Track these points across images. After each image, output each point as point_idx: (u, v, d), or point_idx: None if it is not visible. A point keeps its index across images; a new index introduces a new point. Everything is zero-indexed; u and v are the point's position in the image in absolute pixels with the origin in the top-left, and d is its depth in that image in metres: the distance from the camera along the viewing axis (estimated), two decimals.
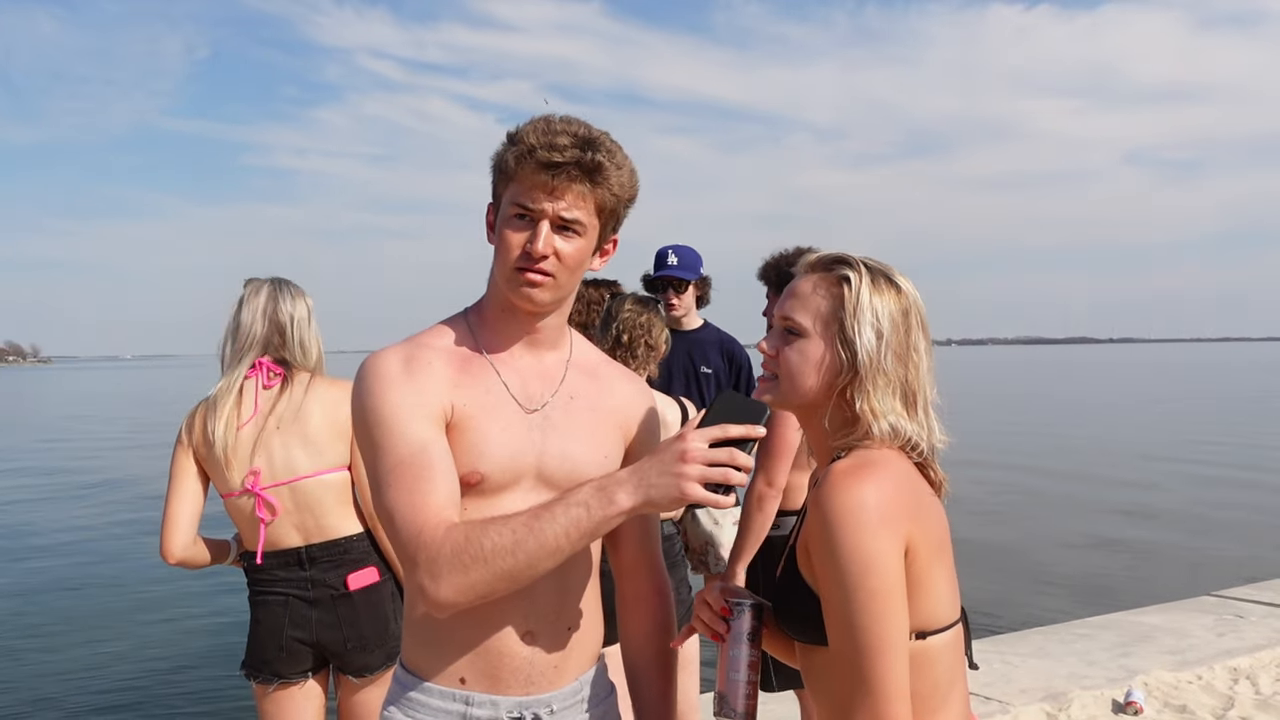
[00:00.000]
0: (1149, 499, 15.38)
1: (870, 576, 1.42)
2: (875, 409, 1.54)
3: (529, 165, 1.58)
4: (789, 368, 1.59)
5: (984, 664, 5.59)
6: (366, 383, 1.61)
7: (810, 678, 1.62)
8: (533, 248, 1.59)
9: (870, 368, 1.55)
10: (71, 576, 10.66)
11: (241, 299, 3.02)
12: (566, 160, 1.57)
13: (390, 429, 1.56)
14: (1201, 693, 5.21)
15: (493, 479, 1.62)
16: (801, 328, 1.59)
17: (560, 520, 1.45)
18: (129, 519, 14.06)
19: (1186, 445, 22.49)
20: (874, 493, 1.46)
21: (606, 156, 1.60)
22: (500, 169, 1.63)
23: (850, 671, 1.44)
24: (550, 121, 1.61)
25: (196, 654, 7.74)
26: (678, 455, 1.44)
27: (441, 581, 1.46)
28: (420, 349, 1.65)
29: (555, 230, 1.60)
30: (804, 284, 1.62)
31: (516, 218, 1.60)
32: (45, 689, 7.02)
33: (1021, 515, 13.91)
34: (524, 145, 1.58)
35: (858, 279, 1.57)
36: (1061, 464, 19.61)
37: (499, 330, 1.70)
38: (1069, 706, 4.97)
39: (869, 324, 1.55)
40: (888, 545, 1.44)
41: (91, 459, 22.79)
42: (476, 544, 1.45)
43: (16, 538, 13.10)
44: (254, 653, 2.98)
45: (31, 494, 17.35)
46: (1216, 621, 6.56)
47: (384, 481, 1.55)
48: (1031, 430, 25.91)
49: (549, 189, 1.58)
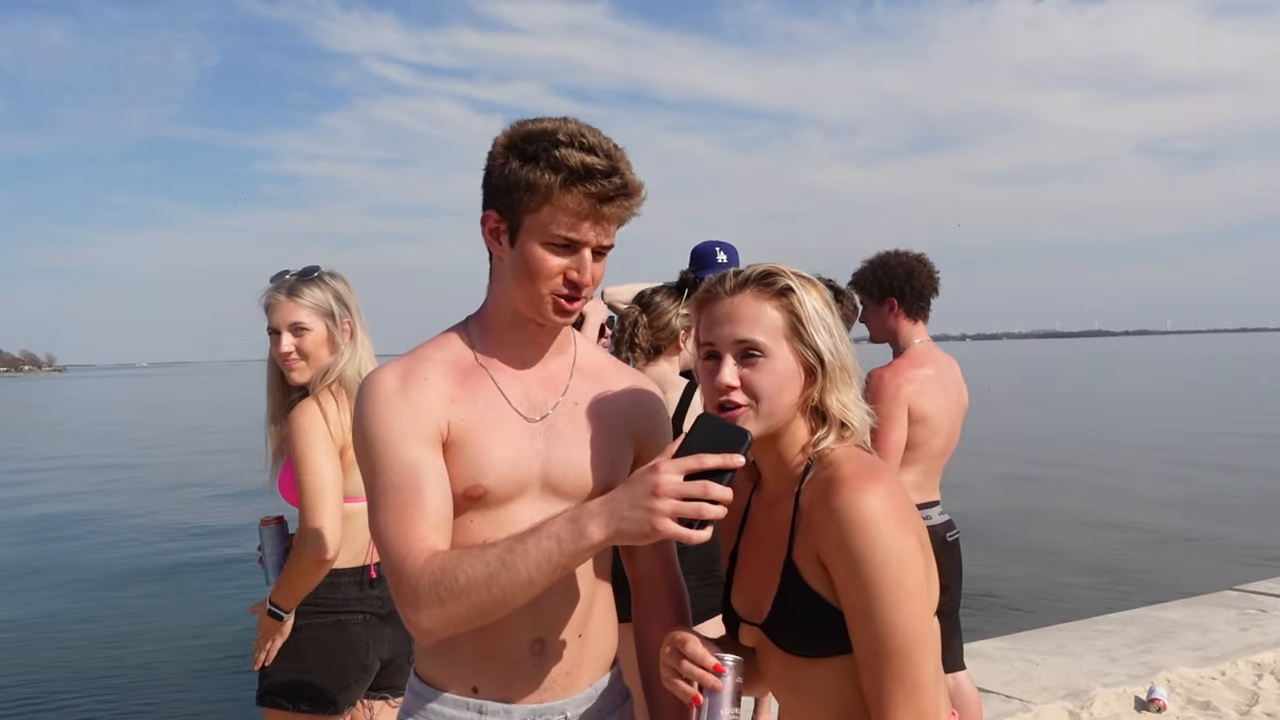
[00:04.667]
0: (1169, 493, 15.30)
1: (908, 574, 1.44)
2: (846, 402, 1.58)
3: (576, 194, 1.53)
4: (764, 390, 1.55)
5: (1005, 662, 5.56)
6: (363, 404, 1.59)
7: (802, 692, 1.60)
8: (581, 279, 1.58)
9: (835, 366, 1.57)
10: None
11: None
12: (615, 191, 1.54)
13: (383, 451, 1.55)
14: (1225, 689, 5.16)
15: (496, 491, 1.60)
16: (763, 347, 1.55)
17: (533, 554, 1.42)
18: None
19: (1206, 438, 22.35)
20: (890, 493, 1.47)
21: (631, 171, 1.57)
22: (532, 187, 1.55)
23: (884, 670, 1.44)
24: (577, 136, 1.55)
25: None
26: (650, 489, 1.38)
27: (421, 612, 1.46)
28: (419, 364, 1.63)
29: (594, 254, 1.59)
30: (742, 305, 1.57)
31: (558, 244, 1.57)
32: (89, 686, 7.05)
33: (1040, 511, 13.83)
34: (569, 169, 1.53)
35: (797, 287, 1.57)
36: (1079, 459, 19.50)
37: (503, 340, 1.68)
38: (1091, 704, 4.93)
39: (821, 326, 1.57)
40: (915, 542, 1.47)
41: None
42: (452, 576, 1.44)
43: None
44: (329, 681, 2.82)
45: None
46: (1239, 616, 6.51)
47: (376, 504, 1.55)
48: (1048, 424, 25.77)
49: (597, 218, 1.56)
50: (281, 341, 2.85)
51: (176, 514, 15.54)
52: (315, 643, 2.84)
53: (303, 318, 2.85)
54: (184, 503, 16.74)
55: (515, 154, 1.57)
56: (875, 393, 3.62)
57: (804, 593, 1.53)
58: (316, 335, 2.86)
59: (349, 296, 2.94)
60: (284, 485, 2.94)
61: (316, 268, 2.96)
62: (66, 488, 19.53)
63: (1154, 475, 17.13)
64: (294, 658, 2.85)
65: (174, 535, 13.70)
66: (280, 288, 2.91)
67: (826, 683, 1.54)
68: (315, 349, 2.86)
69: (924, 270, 3.80)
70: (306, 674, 2.84)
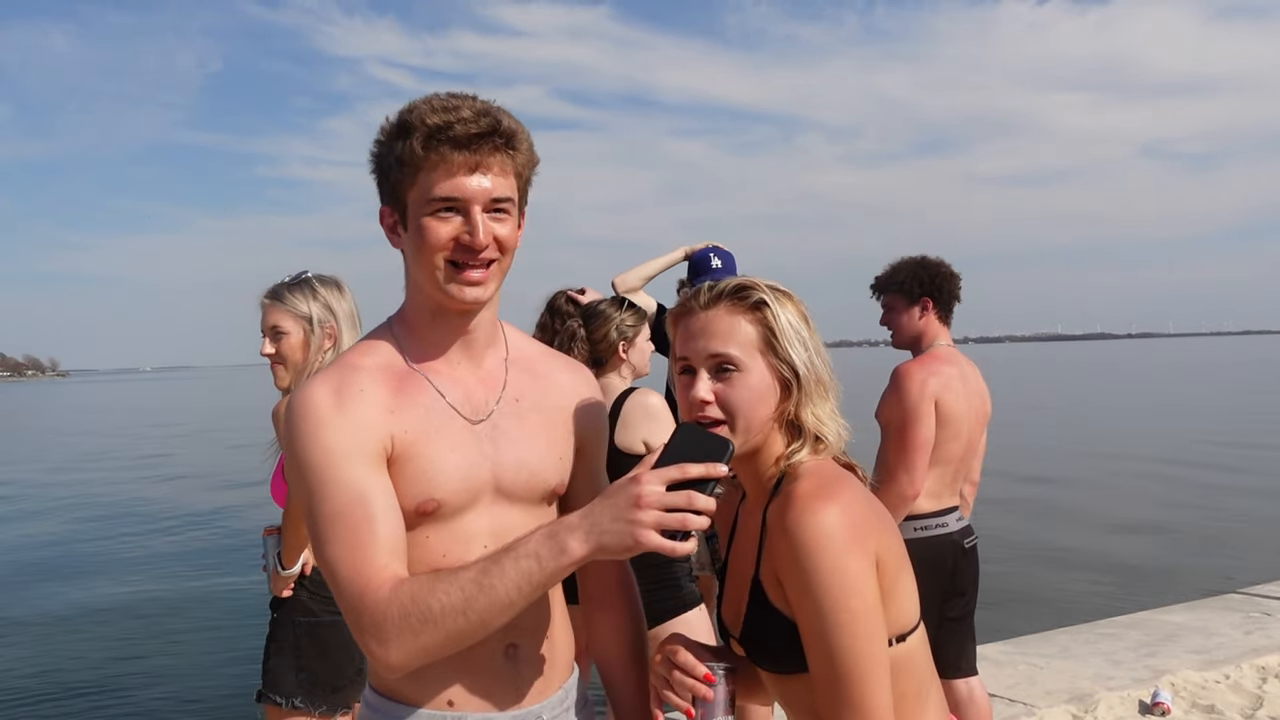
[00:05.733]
0: (1172, 495, 15.25)
1: (852, 597, 1.42)
2: (821, 416, 1.56)
3: (443, 146, 1.45)
4: (739, 405, 1.53)
5: (1009, 666, 5.55)
6: (297, 423, 1.48)
7: (791, 706, 1.61)
8: (474, 240, 1.48)
9: (810, 380, 1.56)
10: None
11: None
12: (484, 130, 1.46)
13: (325, 476, 1.44)
14: (1230, 692, 5.15)
15: (450, 503, 1.52)
16: (738, 361, 1.54)
17: (511, 575, 1.36)
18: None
19: (1209, 441, 22.29)
20: (843, 512, 1.45)
21: (508, 118, 1.50)
22: (401, 161, 1.48)
23: (834, 693, 1.43)
24: (437, 98, 1.48)
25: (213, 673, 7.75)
26: (632, 500, 1.34)
27: (390, 646, 1.39)
28: (349, 374, 1.52)
29: (487, 214, 1.49)
30: (716, 319, 1.55)
31: (441, 210, 1.48)
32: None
33: (1043, 514, 13.80)
34: (428, 126, 1.45)
35: (771, 300, 1.56)
36: (1081, 462, 19.47)
37: (429, 338, 1.58)
38: (1095, 708, 4.92)
39: (796, 339, 1.56)
40: (863, 564, 1.44)
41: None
42: (424, 605, 1.37)
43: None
44: (327, 680, 2.87)
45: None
46: (1243, 619, 6.49)
47: (323, 533, 1.44)
48: (1050, 427, 25.73)
49: (473, 166, 1.46)
50: (264, 344, 2.95)
51: (177, 508, 15.55)
52: (314, 643, 2.88)
53: (282, 322, 2.93)
54: (183, 497, 16.75)
55: (386, 136, 1.51)
56: (902, 388, 3.60)
57: (768, 610, 1.53)
58: (293, 340, 2.93)
59: (338, 302, 2.97)
60: (275, 485, 2.99)
61: (305, 273, 3.02)
62: (72, 487, 19.55)
63: (1157, 478, 17.07)
64: (293, 657, 2.88)
65: (175, 531, 13.70)
66: (271, 292, 2.98)
67: (805, 697, 1.52)
68: (291, 353, 2.94)
69: (955, 276, 3.82)
70: (305, 673, 2.88)
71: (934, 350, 3.75)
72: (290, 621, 2.96)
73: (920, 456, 3.53)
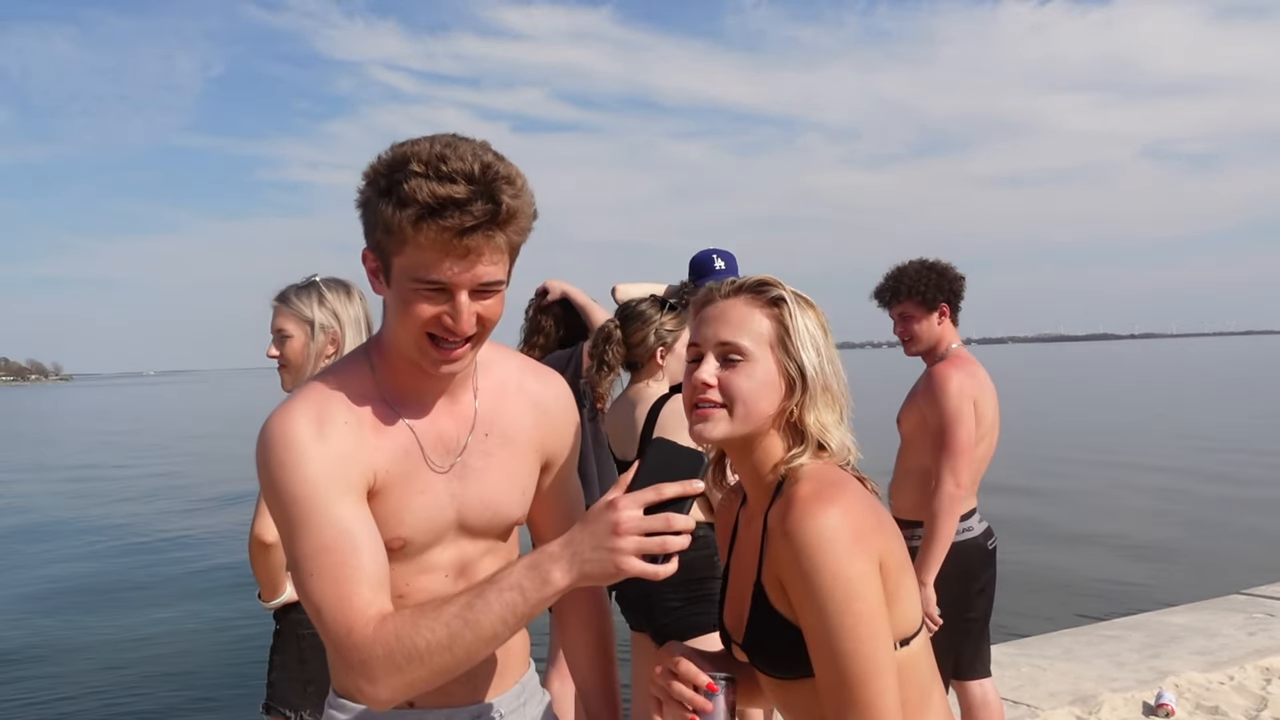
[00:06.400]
0: (1174, 496, 15.23)
1: (855, 601, 1.41)
2: (825, 423, 1.55)
3: (430, 231, 1.36)
4: (741, 393, 1.53)
5: (1012, 667, 5.54)
6: (276, 453, 1.44)
7: (793, 711, 1.61)
8: (457, 325, 1.44)
9: (817, 383, 1.55)
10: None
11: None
12: (479, 220, 1.36)
13: (309, 508, 1.42)
14: (1234, 693, 5.14)
15: (415, 541, 1.55)
16: (746, 351, 1.54)
17: (495, 608, 1.35)
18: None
19: (1211, 440, 22.27)
20: (844, 515, 1.44)
21: (509, 192, 1.38)
22: (389, 229, 1.39)
23: (841, 698, 1.43)
24: (433, 155, 1.36)
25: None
26: (610, 528, 1.33)
27: (379, 684, 1.38)
28: (329, 404, 1.50)
29: (473, 298, 1.43)
30: (732, 309, 1.57)
31: (426, 290, 1.42)
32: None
33: (1045, 516, 13.77)
34: (419, 204, 1.35)
35: (790, 300, 1.56)
36: (1084, 463, 19.44)
37: (407, 374, 1.55)
38: (1099, 709, 4.91)
39: (809, 341, 1.55)
40: (866, 567, 1.43)
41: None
42: (409, 642, 1.36)
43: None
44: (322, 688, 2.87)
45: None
46: (1247, 620, 6.49)
47: (306, 568, 1.42)
48: (1053, 429, 25.69)
49: (461, 255, 1.38)
50: (270, 347, 2.94)
51: (177, 521, 15.55)
52: (319, 651, 2.85)
53: (286, 325, 2.92)
54: (185, 509, 16.75)
55: (374, 187, 1.42)
56: (942, 391, 3.58)
57: (771, 615, 1.53)
58: (296, 343, 2.91)
59: (343, 308, 2.95)
60: None
61: (314, 277, 3.00)
62: (63, 497, 19.56)
63: (1160, 479, 17.05)
64: (298, 666, 2.85)
65: (177, 544, 13.70)
66: (280, 295, 2.97)
67: (810, 702, 1.52)
68: (294, 356, 2.92)
69: (963, 278, 3.82)
70: (311, 683, 2.84)
71: (959, 352, 3.74)
72: (295, 634, 2.91)
73: (965, 459, 3.52)
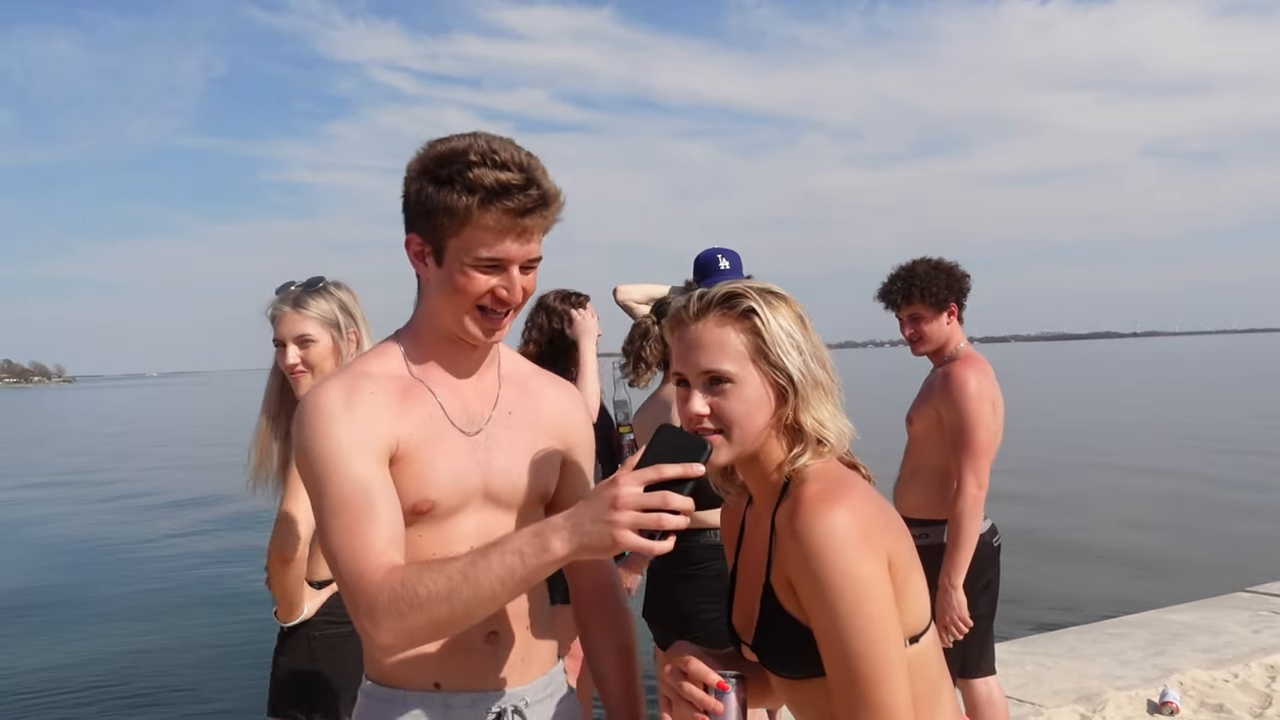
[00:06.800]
0: (1178, 493, 15.22)
1: (866, 601, 1.42)
2: (821, 419, 1.54)
3: (495, 212, 1.56)
4: (734, 417, 1.53)
5: (1016, 666, 5.54)
6: (308, 419, 1.59)
7: (803, 711, 1.61)
8: (510, 296, 1.62)
9: (806, 384, 1.54)
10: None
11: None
12: (533, 203, 1.57)
13: (333, 467, 1.55)
14: (1238, 691, 5.14)
15: (443, 504, 1.64)
16: (730, 374, 1.53)
17: (495, 568, 1.44)
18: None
19: (1215, 437, 22.25)
20: (851, 515, 1.44)
21: (547, 179, 1.59)
22: (451, 211, 1.57)
23: (853, 697, 1.43)
24: (489, 154, 1.56)
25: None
26: (610, 502, 1.40)
27: (380, 626, 1.48)
28: (359, 379, 1.64)
29: (521, 272, 1.62)
30: (706, 331, 1.55)
31: (484, 266, 1.59)
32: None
33: (1047, 515, 13.77)
34: (486, 189, 1.55)
35: (760, 306, 1.54)
36: (1086, 461, 19.44)
37: (435, 356, 1.71)
38: (1104, 707, 4.91)
39: (789, 344, 1.54)
40: (876, 566, 1.44)
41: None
42: (412, 590, 1.46)
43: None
44: (342, 691, 2.80)
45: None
46: (1251, 618, 6.48)
47: (327, 521, 1.55)
48: (1053, 427, 25.66)
49: (519, 233, 1.58)
50: (288, 354, 2.83)
51: (184, 524, 15.58)
52: (329, 653, 2.83)
53: (309, 329, 2.84)
54: (188, 512, 16.78)
55: (429, 178, 1.59)
56: (960, 392, 3.57)
57: (780, 615, 1.53)
58: (322, 347, 2.85)
59: (354, 307, 2.94)
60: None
61: (321, 278, 2.96)
62: (73, 503, 19.59)
63: (1163, 476, 17.05)
64: (307, 668, 2.84)
65: (185, 545, 13.73)
66: (286, 299, 2.89)
67: (820, 702, 1.52)
68: (320, 360, 2.85)
69: (969, 276, 3.81)
70: (320, 684, 2.83)
71: (969, 352, 3.73)
72: (306, 636, 2.88)
73: (985, 459, 3.53)
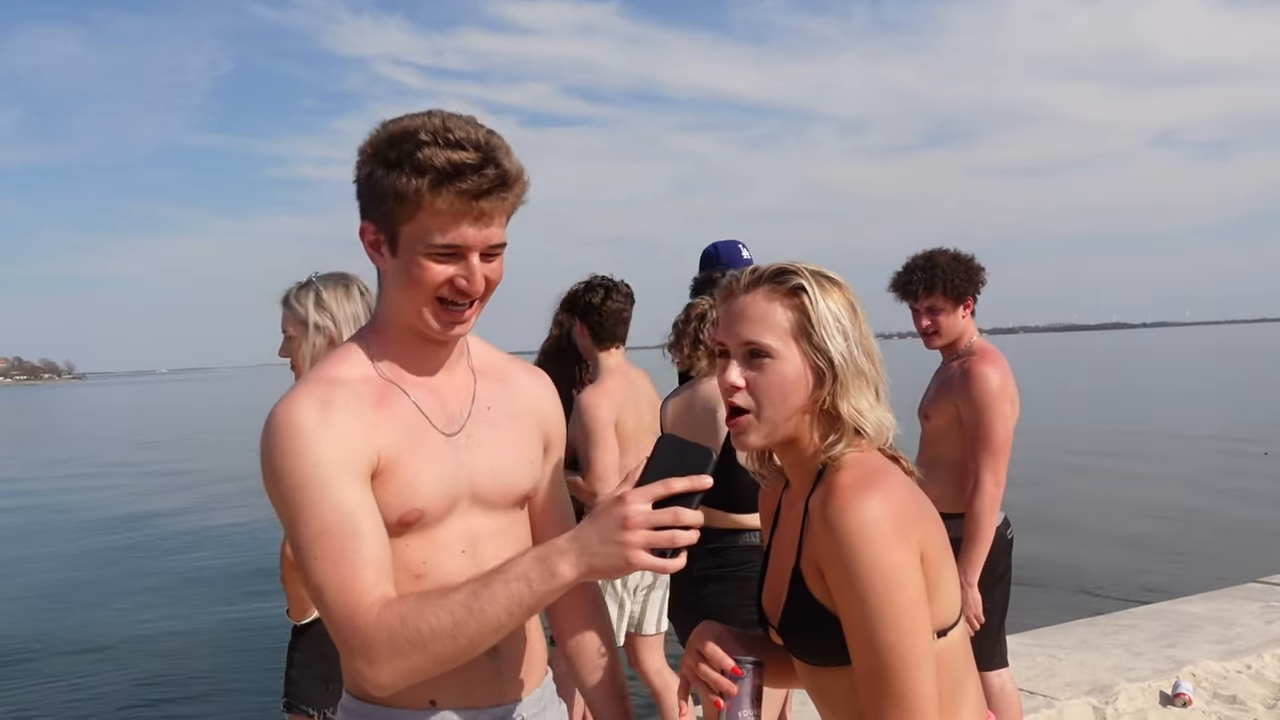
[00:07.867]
0: (1190, 484, 15.17)
1: (895, 590, 1.40)
2: (860, 408, 1.52)
3: (448, 196, 1.43)
4: (770, 394, 1.51)
5: (1028, 658, 5.52)
6: (280, 439, 1.46)
7: (825, 697, 1.60)
8: (470, 285, 1.49)
9: (847, 370, 1.51)
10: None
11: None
12: (491, 184, 1.44)
13: (311, 492, 1.43)
14: (1251, 682, 5.12)
15: (431, 512, 1.55)
16: (770, 349, 1.51)
17: (501, 598, 1.36)
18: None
19: (1225, 428, 22.17)
20: (885, 504, 1.43)
21: (510, 158, 1.47)
22: (401, 196, 1.45)
23: (878, 687, 1.42)
24: (438, 127, 1.43)
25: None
26: (619, 521, 1.33)
27: (380, 668, 1.39)
28: (331, 387, 1.52)
29: (482, 260, 1.50)
30: (752, 303, 1.53)
31: (440, 254, 1.47)
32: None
33: (1058, 508, 13.73)
34: (436, 170, 1.42)
35: (810, 286, 1.52)
36: (1094, 455, 19.39)
37: (403, 354, 1.59)
38: (1116, 699, 4.90)
39: (835, 327, 1.51)
40: (908, 557, 1.42)
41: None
42: (414, 628, 1.37)
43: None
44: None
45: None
46: (1264, 609, 6.46)
47: (308, 551, 1.43)
48: (1063, 420, 25.59)
49: (476, 217, 1.45)
50: (281, 348, 2.94)
51: (207, 517, 15.63)
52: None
53: (288, 328, 2.93)
54: (205, 504, 16.83)
55: (379, 161, 1.47)
56: (981, 387, 3.54)
57: (809, 601, 1.51)
58: (294, 345, 2.92)
59: (339, 306, 2.94)
60: None
61: (312, 275, 3.01)
62: (69, 493, 19.67)
63: (1172, 468, 16.99)
64: (320, 664, 2.84)
65: (201, 540, 13.77)
66: (283, 297, 2.98)
67: (842, 689, 1.51)
68: (299, 360, 2.91)
69: (985, 270, 3.78)
70: (333, 681, 2.83)
71: (985, 345, 3.71)
72: (317, 632, 2.88)
73: (1004, 456, 3.51)
